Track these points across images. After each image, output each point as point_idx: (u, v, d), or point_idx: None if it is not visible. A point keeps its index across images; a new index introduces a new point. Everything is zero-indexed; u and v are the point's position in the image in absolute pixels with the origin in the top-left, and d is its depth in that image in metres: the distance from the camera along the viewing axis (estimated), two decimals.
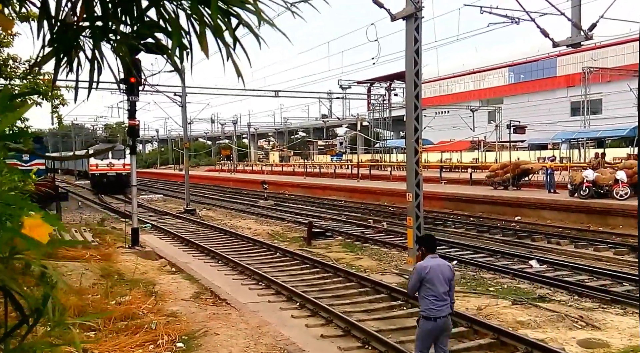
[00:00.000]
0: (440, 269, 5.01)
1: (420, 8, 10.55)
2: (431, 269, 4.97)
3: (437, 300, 4.92)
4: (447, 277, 5.01)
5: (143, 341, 6.20)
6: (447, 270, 5.06)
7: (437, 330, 4.98)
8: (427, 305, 4.96)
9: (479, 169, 34.06)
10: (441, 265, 5.07)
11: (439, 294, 4.93)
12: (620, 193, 16.93)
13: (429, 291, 4.94)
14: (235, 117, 71.16)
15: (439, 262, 5.10)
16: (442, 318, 4.94)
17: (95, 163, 33.27)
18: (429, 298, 4.95)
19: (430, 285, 4.93)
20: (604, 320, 7.78)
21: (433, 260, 5.08)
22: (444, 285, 4.96)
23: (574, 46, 13.19)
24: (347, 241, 15.26)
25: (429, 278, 4.93)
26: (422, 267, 5.01)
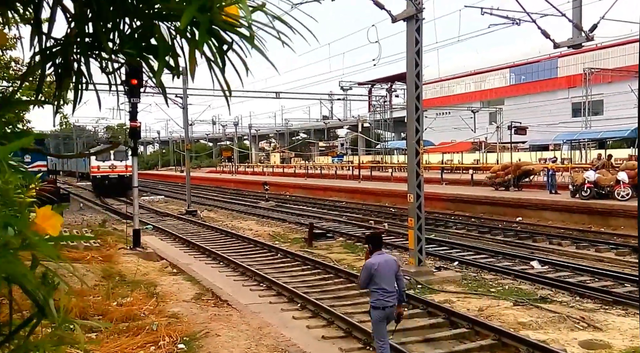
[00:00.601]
0: (387, 264, 5.49)
1: (421, 9, 10.57)
2: (379, 265, 5.42)
3: (385, 292, 5.43)
4: (394, 270, 5.51)
5: (144, 342, 6.21)
6: (394, 264, 5.56)
7: (385, 316, 5.52)
8: (377, 296, 5.46)
9: (480, 170, 34.07)
10: (388, 260, 5.56)
11: (387, 286, 5.43)
12: (622, 194, 16.91)
13: (378, 284, 5.42)
14: (237, 119, 71.34)
15: (386, 258, 5.57)
16: (389, 307, 5.46)
17: (96, 164, 32.43)
18: (378, 290, 5.44)
19: (379, 279, 5.41)
20: (605, 321, 7.77)
21: (380, 257, 5.53)
22: (391, 278, 5.47)
23: (575, 47, 13.20)
24: (348, 243, 15.26)
25: (378, 273, 5.40)
26: (371, 264, 5.45)
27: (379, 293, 5.43)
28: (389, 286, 5.43)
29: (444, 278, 10.59)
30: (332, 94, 58.03)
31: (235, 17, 0.89)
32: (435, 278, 10.54)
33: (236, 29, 0.90)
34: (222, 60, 0.93)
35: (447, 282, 10.40)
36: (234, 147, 67.12)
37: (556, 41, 12.48)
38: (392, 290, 5.45)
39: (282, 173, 50.59)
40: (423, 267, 10.78)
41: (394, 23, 10.96)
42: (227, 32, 0.92)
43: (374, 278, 5.42)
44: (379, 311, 5.47)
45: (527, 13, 13.23)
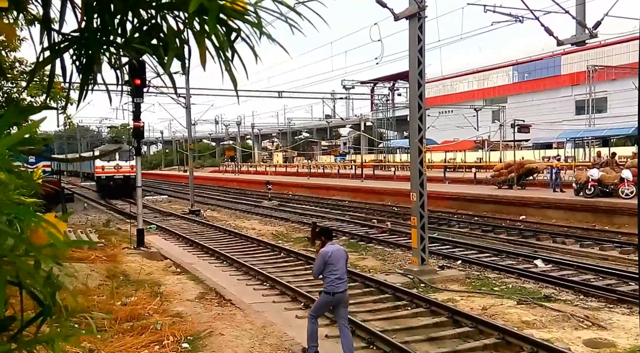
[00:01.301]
0: (339, 252, 6.07)
1: (424, 7, 10.55)
2: (332, 253, 5.99)
3: (337, 279, 5.96)
4: (344, 259, 6.09)
5: (149, 341, 6.24)
6: (344, 253, 6.17)
7: (334, 302, 6.05)
8: (330, 283, 5.99)
9: (483, 169, 34.00)
10: (339, 249, 6.17)
11: (339, 273, 5.97)
12: (626, 192, 16.84)
13: (331, 271, 5.96)
14: (239, 118, 71.33)
15: (337, 247, 6.19)
16: (340, 293, 6.00)
17: (101, 164, 31.19)
18: (331, 276, 5.97)
19: (332, 266, 5.95)
20: (610, 320, 7.74)
21: (332, 246, 6.11)
22: (342, 266, 6.02)
23: (578, 44, 13.16)
24: (351, 242, 15.26)
25: (331, 260, 5.95)
26: (325, 252, 6.02)
27: (332, 279, 5.96)
28: (341, 273, 5.98)
29: (447, 277, 10.58)
30: (334, 93, 58.01)
31: (242, 4, 0.89)
32: (439, 277, 10.53)
33: (244, 17, 0.90)
34: (231, 49, 0.93)
35: (450, 281, 10.39)
36: (237, 146, 67.20)
37: (559, 38, 12.44)
38: (343, 277, 6.00)
39: (284, 172, 50.62)
40: (426, 266, 10.77)
41: (396, 21, 10.94)
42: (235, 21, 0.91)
43: (327, 265, 5.96)
44: (329, 296, 6.01)
45: (530, 10, 13.18)
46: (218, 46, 0.91)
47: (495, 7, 15.18)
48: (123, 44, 0.99)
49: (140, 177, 14.62)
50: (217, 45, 0.91)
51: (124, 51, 1.00)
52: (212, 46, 0.91)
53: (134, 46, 0.99)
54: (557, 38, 12.44)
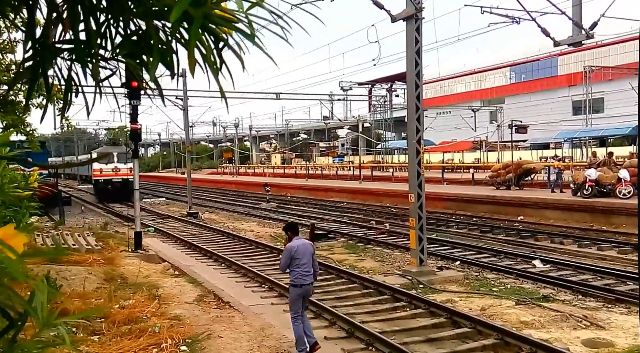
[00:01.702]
0: (305, 247, 6.27)
1: (421, 9, 10.56)
2: (298, 247, 6.21)
3: (304, 271, 6.19)
4: (310, 253, 6.27)
5: (147, 345, 6.21)
6: (310, 247, 6.34)
7: (304, 293, 6.29)
8: (296, 275, 6.21)
9: (481, 170, 34.05)
10: (305, 243, 6.35)
11: (305, 266, 6.18)
12: (623, 192, 16.88)
13: (298, 264, 6.18)
14: (237, 120, 71.38)
15: (303, 242, 6.37)
16: (306, 285, 6.25)
17: (99, 167, 30.11)
18: (297, 269, 6.20)
19: (298, 260, 6.16)
20: (608, 320, 7.75)
21: (299, 241, 6.33)
22: (309, 259, 6.21)
23: (575, 45, 13.21)
24: (349, 243, 15.25)
25: (297, 254, 6.16)
26: (292, 246, 6.25)
27: (299, 272, 6.19)
28: (307, 266, 6.20)
29: (445, 277, 10.58)
30: (332, 94, 58.05)
31: (231, 12, 0.86)
32: (437, 277, 10.53)
33: (233, 25, 0.87)
34: (219, 58, 0.91)
35: (449, 282, 10.39)
36: (235, 148, 67.16)
37: (556, 39, 12.48)
38: (309, 270, 6.23)
39: (283, 173, 50.61)
40: (425, 267, 10.77)
41: (393, 23, 10.96)
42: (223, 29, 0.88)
43: (294, 259, 6.19)
44: (297, 288, 6.24)
45: (527, 11, 13.23)
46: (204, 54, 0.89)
47: (492, 8, 15.22)
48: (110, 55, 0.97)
49: (137, 179, 14.60)
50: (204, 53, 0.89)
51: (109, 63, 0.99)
52: (200, 54, 0.89)
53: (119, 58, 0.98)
54: (554, 39, 12.47)
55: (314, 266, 6.36)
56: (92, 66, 0.98)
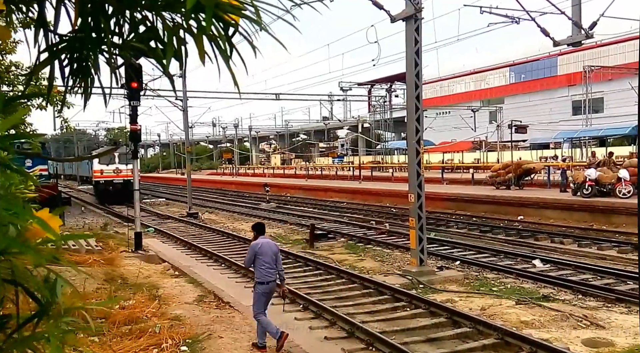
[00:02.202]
0: (268, 245, 6.53)
1: (420, 9, 10.57)
2: (262, 245, 6.46)
3: (267, 269, 6.42)
4: (274, 252, 6.52)
5: (147, 345, 6.21)
6: (274, 246, 6.63)
7: (268, 290, 6.48)
8: (261, 272, 6.43)
9: (480, 170, 34.06)
10: (269, 242, 6.64)
11: (268, 264, 6.41)
12: (623, 192, 16.88)
13: (262, 262, 6.41)
14: (237, 121, 71.29)
15: (267, 240, 6.67)
16: (271, 282, 6.49)
17: (99, 168, 28.81)
18: (261, 267, 6.42)
19: (262, 257, 6.41)
20: (608, 319, 7.75)
21: (263, 240, 6.60)
22: (272, 257, 6.45)
23: (574, 45, 13.20)
24: (349, 243, 15.25)
25: (261, 252, 6.42)
26: (256, 244, 6.53)
27: (263, 269, 6.43)
28: (270, 264, 6.45)
29: (445, 277, 10.58)
30: (331, 95, 58.00)
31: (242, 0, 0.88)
32: (437, 277, 10.53)
33: (241, 12, 0.89)
34: (229, 44, 0.92)
35: (449, 282, 10.39)
36: (235, 149, 67.15)
37: (556, 39, 12.49)
38: (272, 267, 6.47)
39: (282, 174, 50.61)
40: (425, 267, 10.77)
41: (393, 23, 10.96)
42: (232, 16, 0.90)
43: (257, 256, 6.44)
44: (263, 285, 6.45)
45: (526, 11, 13.23)
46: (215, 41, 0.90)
47: (491, 8, 15.23)
48: (121, 44, 0.98)
49: (137, 180, 14.61)
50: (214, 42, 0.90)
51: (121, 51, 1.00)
52: (209, 42, 0.90)
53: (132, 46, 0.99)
54: (553, 39, 12.48)
55: (278, 266, 6.56)
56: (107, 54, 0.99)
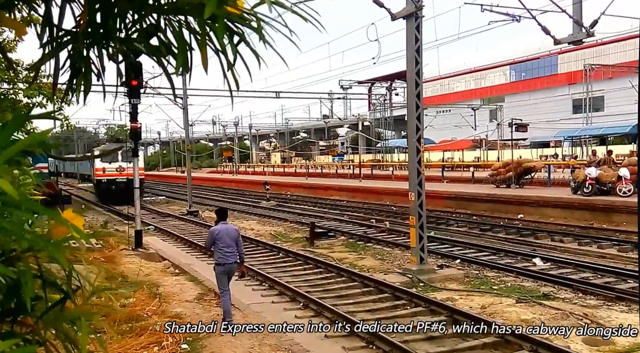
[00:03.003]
0: (227, 230, 7.11)
1: (421, 7, 10.55)
2: (220, 231, 7.06)
3: (225, 252, 7.01)
4: (233, 237, 7.09)
5: (148, 343, 6.22)
6: (233, 231, 7.19)
7: (226, 271, 7.11)
8: (219, 255, 7.05)
9: (481, 168, 34.04)
10: (228, 228, 7.21)
11: (226, 247, 7.00)
12: (624, 190, 16.87)
13: (219, 246, 7.01)
14: (237, 119, 71.35)
15: (227, 226, 7.21)
16: (228, 264, 7.07)
17: (101, 166, 27.10)
18: (219, 251, 7.04)
19: (220, 242, 7.00)
20: (608, 318, 7.75)
21: (222, 225, 7.19)
22: (230, 242, 7.03)
23: (575, 43, 13.18)
24: (349, 241, 15.25)
25: (219, 237, 7.02)
26: (214, 229, 7.18)
27: (221, 252, 7.02)
28: (228, 247, 7.01)
29: (446, 276, 10.59)
30: (332, 93, 58.00)
31: (243, 9, 0.91)
32: (438, 276, 10.53)
33: (246, 22, 0.92)
34: (234, 52, 0.94)
35: (449, 280, 10.39)
36: (235, 147, 67.14)
37: (556, 37, 12.47)
38: (230, 251, 7.03)
39: (282, 172, 50.61)
40: (425, 265, 10.77)
41: (393, 21, 10.94)
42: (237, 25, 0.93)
43: (216, 240, 7.02)
44: (221, 267, 7.08)
45: (527, 9, 13.20)
46: (221, 49, 0.94)
47: (492, 6, 15.19)
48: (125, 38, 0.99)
49: (137, 178, 14.62)
50: (220, 48, 0.93)
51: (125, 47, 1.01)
52: (215, 49, 0.93)
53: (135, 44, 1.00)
54: (554, 37, 12.46)
55: (239, 249, 7.17)
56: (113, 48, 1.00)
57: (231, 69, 0.95)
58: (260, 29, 0.92)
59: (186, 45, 0.96)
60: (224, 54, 0.93)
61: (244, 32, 0.94)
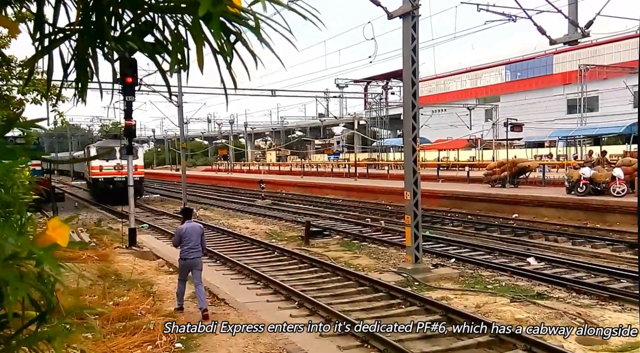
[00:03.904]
0: (193, 229, 7.79)
1: (417, 6, 10.54)
2: (187, 229, 7.74)
3: (189, 248, 7.70)
4: (199, 233, 7.79)
5: (142, 341, 6.19)
6: (198, 229, 7.88)
7: (188, 266, 7.82)
8: (184, 251, 7.73)
9: (476, 168, 34.12)
10: (194, 226, 7.89)
11: (191, 244, 7.69)
12: (617, 190, 16.96)
13: (185, 243, 7.69)
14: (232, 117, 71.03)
15: (192, 225, 7.90)
16: (191, 259, 7.74)
17: (98, 164, 25.48)
18: (185, 247, 7.71)
19: (185, 239, 7.68)
20: (602, 317, 7.79)
21: (188, 224, 7.86)
22: (195, 239, 7.72)
23: (570, 44, 13.22)
24: (345, 240, 15.24)
25: (185, 235, 7.69)
26: (181, 228, 7.87)
27: (185, 249, 7.71)
28: (193, 245, 7.69)
29: (441, 275, 10.60)
30: (328, 91, 57.91)
31: (240, 8, 0.91)
32: (432, 275, 10.54)
33: (243, 21, 0.91)
34: (230, 52, 0.94)
35: (444, 279, 10.41)
36: (230, 145, 66.97)
37: (552, 38, 12.50)
38: (194, 247, 7.71)
39: (278, 171, 50.53)
40: (420, 264, 10.78)
41: (390, 20, 10.93)
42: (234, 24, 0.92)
43: (182, 239, 7.68)
44: (183, 261, 7.83)
45: (523, 9, 13.23)
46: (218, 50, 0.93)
47: (488, 6, 15.23)
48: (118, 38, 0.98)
49: (131, 176, 14.55)
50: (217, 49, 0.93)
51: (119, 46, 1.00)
52: (212, 48, 0.93)
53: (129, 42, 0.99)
54: (549, 37, 12.49)
55: (202, 244, 7.86)
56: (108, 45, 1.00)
57: (228, 69, 0.95)
58: (259, 28, 0.92)
59: (182, 43, 0.95)
60: (221, 53, 0.93)
61: (240, 31, 0.93)
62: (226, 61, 0.94)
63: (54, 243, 0.91)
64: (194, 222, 8.14)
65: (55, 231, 0.92)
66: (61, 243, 0.91)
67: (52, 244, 0.91)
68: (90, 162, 26.65)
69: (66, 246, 0.92)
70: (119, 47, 1.00)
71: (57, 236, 0.91)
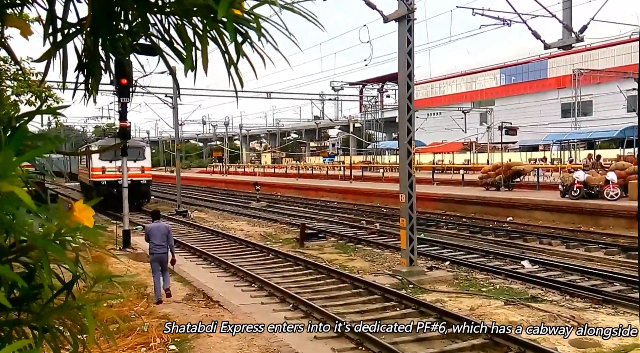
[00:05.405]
0: (158, 228, 8.81)
1: (413, 10, 10.59)
2: (152, 228, 8.85)
3: (155, 245, 8.72)
4: (163, 233, 8.77)
5: (135, 344, 6.15)
6: (164, 228, 8.88)
7: (155, 260, 8.73)
8: (151, 247, 8.76)
9: (471, 171, 34.23)
10: (160, 226, 8.91)
11: (156, 241, 8.71)
12: (611, 194, 17.06)
13: (152, 240, 8.74)
14: (227, 119, 71.01)
15: (159, 225, 8.95)
16: (157, 254, 8.71)
17: (100, 165, 22.81)
18: (151, 244, 8.75)
19: (152, 238, 8.74)
20: (595, 320, 7.83)
21: (155, 223, 8.96)
22: (160, 237, 8.71)
23: (564, 48, 13.30)
24: (340, 243, 15.24)
25: (152, 234, 8.76)
26: (149, 228, 9.02)
27: (151, 245, 8.73)
28: (158, 242, 8.69)
29: (435, 277, 10.62)
30: (323, 94, 57.99)
31: (245, 10, 0.93)
32: (427, 277, 10.56)
33: (250, 24, 0.94)
34: (238, 53, 0.96)
35: (438, 282, 10.43)
36: (225, 147, 66.87)
37: (546, 42, 12.58)
38: (160, 244, 8.69)
39: (273, 173, 50.48)
40: (415, 267, 10.80)
41: (385, 23, 10.97)
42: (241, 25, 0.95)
43: (149, 236, 8.75)
44: (151, 256, 8.79)
45: (517, 14, 13.31)
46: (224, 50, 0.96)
47: (483, 10, 15.31)
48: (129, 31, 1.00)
49: (126, 178, 14.48)
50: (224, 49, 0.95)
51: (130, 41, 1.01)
52: (220, 49, 0.96)
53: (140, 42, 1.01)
54: (544, 41, 12.57)
55: (169, 242, 8.81)
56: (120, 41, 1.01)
57: (235, 69, 0.97)
58: (260, 27, 0.93)
59: (192, 45, 0.97)
60: (236, 53, 0.96)
61: (247, 33, 0.95)
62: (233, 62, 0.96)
63: (80, 224, 0.96)
64: (161, 222, 9.19)
65: (82, 213, 0.96)
66: (87, 224, 0.97)
67: (79, 225, 0.96)
68: (92, 164, 23.79)
69: (92, 227, 0.97)
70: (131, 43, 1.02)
71: (84, 218, 0.96)
